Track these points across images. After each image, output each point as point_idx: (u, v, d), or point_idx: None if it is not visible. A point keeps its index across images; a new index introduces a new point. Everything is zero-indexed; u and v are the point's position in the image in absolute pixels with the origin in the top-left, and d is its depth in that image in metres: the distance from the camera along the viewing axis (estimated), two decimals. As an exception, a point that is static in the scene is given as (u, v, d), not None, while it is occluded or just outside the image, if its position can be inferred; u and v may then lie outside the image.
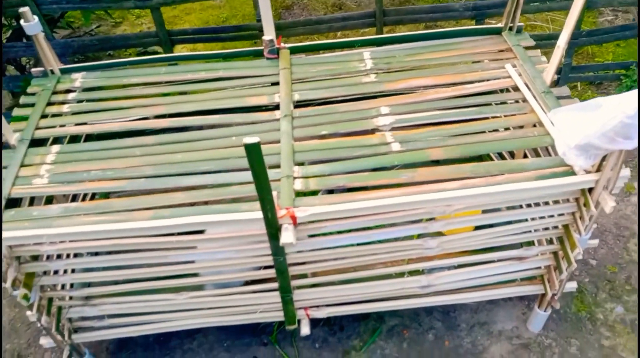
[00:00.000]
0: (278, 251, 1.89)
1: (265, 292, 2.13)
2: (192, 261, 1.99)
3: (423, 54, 2.40)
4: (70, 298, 2.13)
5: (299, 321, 2.27)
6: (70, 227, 1.75)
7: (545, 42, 3.10)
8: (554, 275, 2.18)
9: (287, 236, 1.73)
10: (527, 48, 2.35)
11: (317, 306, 2.26)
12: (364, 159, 1.95)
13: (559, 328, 2.52)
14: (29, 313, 2.10)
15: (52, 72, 2.43)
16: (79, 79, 2.41)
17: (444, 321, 2.58)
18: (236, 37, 3.14)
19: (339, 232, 1.93)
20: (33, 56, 3.27)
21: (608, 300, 2.62)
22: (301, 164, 1.95)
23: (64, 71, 2.45)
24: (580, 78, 3.54)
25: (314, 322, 2.35)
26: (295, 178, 1.89)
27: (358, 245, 1.97)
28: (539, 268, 2.24)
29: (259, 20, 3.12)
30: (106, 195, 2.37)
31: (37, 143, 2.14)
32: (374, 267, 2.13)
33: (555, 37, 2.58)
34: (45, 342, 2.23)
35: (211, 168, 1.97)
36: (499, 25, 2.47)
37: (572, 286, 2.33)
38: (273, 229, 1.77)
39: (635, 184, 3.15)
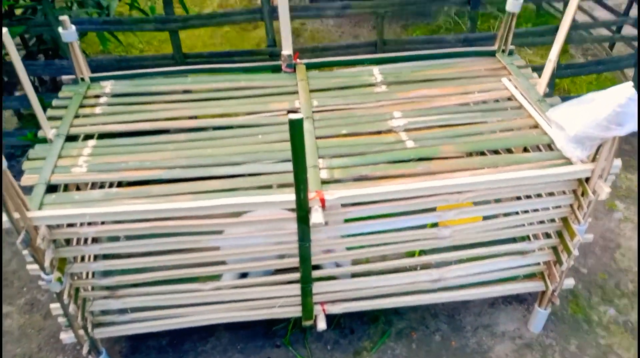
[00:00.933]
0: (305, 236, 2.01)
1: (287, 284, 2.23)
2: (218, 248, 2.09)
3: (427, 70, 2.65)
4: (93, 288, 2.18)
5: (315, 317, 2.36)
6: (114, 207, 1.86)
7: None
8: (554, 269, 2.35)
9: (317, 216, 1.87)
10: (519, 68, 2.63)
11: (333, 302, 2.35)
12: (382, 154, 2.13)
13: (558, 329, 2.66)
14: (53, 305, 2.15)
15: (82, 79, 2.58)
16: (108, 86, 2.57)
17: (450, 323, 2.69)
18: (248, 61, 3.36)
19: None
20: (50, 74, 3.41)
21: (601, 303, 2.79)
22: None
23: (93, 79, 2.60)
24: (560, 109, 3.86)
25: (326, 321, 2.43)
26: (320, 168, 2.05)
27: (377, 232, 2.11)
28: (539, 264, 2.41)
29: (269, 46, 3.38)
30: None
31: (72, 139, 2.25)
32: (388, 259, 2.27)
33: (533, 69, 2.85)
34: (65, 336, 2.25)
35: (241, 160, 2.12)
36: (493, 48, 2.75)
37: (569, 283, 2.50)
38: (303, 211, 1.91)
39: (617, 203, 3.41)
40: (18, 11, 3.54)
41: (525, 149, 2.41)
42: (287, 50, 2.62)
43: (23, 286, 2.88)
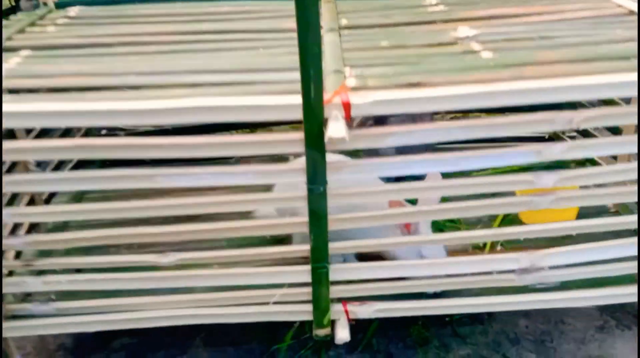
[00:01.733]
0: (317, 174, 1.25)
1: (290, 265, 1.45)
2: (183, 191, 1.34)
3: (501, -6, 1.93)
4: None
5: (332, 323, 1.54)
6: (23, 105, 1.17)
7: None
8: None
9: (336, 128, 1.12)
10: None
11: (361, 299, 1.53)
12: (443, 61, 1.39)
13: None
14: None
15: (45, 4, 2.00)
16: (74, 11, 1.97)
17: (539, 353, 1.80)
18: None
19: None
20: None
21: None
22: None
23: (58, 5, 2.02)
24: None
25: (351, 342, 1.60)
26: (348, 77, 1.32)
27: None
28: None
29: None
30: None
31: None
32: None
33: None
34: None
35: (229, 68, 1.42)
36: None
37: None
38: (314, 125, 1.17)
39: None
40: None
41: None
42: (309, -31, 1.97)
43: None
